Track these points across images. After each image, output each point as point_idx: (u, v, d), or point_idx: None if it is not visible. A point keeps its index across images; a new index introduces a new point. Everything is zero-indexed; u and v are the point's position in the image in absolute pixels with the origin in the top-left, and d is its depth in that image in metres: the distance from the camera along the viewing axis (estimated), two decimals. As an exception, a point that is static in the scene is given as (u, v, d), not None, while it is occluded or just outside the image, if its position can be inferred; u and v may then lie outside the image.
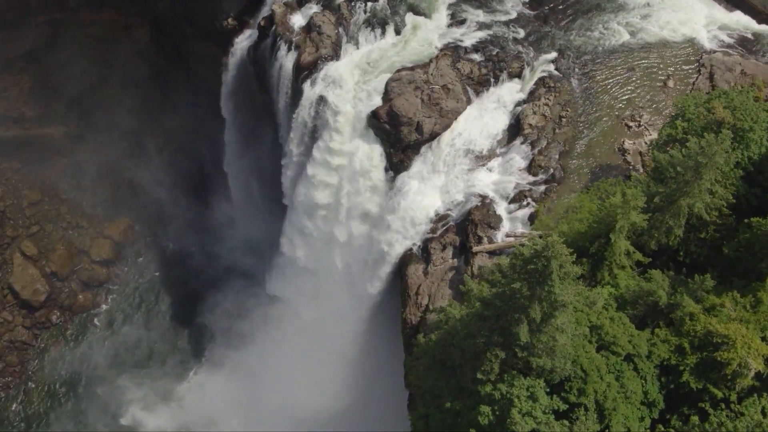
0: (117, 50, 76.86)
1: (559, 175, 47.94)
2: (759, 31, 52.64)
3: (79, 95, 79.01)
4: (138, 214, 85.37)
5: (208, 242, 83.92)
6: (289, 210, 62.38)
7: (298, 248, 63.78)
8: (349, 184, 55.89)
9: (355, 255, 58.32)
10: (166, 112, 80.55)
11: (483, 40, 53.56)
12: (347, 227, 57.41)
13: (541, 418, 33.22)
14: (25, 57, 75.65)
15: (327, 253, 60.92)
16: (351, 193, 55.63)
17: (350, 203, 56.62)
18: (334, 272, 60.93)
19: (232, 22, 62.75)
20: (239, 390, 76.74)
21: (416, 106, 51.27)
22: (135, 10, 73.99)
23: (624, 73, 51.11)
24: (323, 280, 63.15)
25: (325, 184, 56.53)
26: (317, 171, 55.87)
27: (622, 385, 35.34)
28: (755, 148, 41.29)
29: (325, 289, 62.87)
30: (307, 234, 61.05)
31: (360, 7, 55.62)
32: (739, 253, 40.28)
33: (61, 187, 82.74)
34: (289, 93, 57.99)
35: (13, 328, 78.43)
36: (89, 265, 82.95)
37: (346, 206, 57.18)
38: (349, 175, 55.24)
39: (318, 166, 55.73)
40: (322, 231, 59.75)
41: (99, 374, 79.75)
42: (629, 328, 37.04)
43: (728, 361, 34.60)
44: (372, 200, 55.16)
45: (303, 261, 63.64)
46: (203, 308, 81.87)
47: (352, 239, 58.17)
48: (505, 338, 32.84)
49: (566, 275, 30.13)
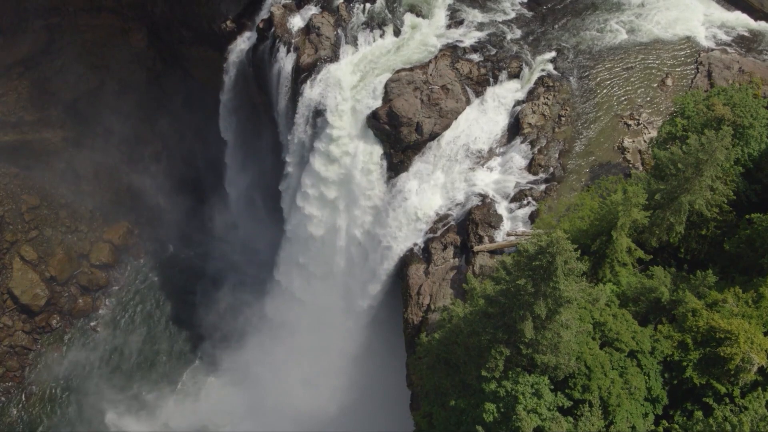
0: (114, 55, 76.92)
1: (559, 173, 48.09)
2: (756, 28, 52.91)
3: (76, 100, 79.04)
4: (137, 217, 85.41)
5: (207, 245, 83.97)
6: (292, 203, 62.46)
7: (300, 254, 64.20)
8: (349, 185, 56.06)
9: (356, 256, 58.46)
10: (163, 116, 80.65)
11: (482, 40, 53.75)
12: (349, 228, 57.54)
13: (546, 415, 33.32)
14: (23, 62, 75.63)
15: (328, 254, 61.08)
16: (351, 192, 55.71)
17: (350, 200, 56.79)
18: (334, 272, 61.03)
19: (231, 24, 62.80)
20: (239, 392, 76.88)
21: (416, 106, 51.40)
22: (132, 14, 73.99)
23: (622, 72, 51.27)
24: (323, 281, 63.24)
25: (326, 183, 56.71)
26: (318, 168, 55.96)
27: (626, 381, 35.44)
28: (755, 144, 41.48)
29: (326, 290, 62.85)
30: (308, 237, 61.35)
31: (358, 9, 55.76)
32: (740, 249, 40.42)
33: (60, 192, 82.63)
34: (288, 94, 58.07)
35: (13, 332, 78.30)
36: (89, 269, 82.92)
37: (345, 204, 57.42)
38: (350, 175, 55.32)
39: (319, 164, 55.80)
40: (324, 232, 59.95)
41: (99, 378, 79.61)
42: (632, 324, 37.17)
43: (731, 356, 34.74)
44: (373, 201, 55.24)
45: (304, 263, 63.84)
46: (202, 312, 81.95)
47: (352, 242, 58.37)
48: (510, 335, 32.94)
49: (570, 271, 30.23)
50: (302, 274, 65.29)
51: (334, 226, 59.49)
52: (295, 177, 60.96)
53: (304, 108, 55.65)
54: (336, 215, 58.89)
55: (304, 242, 63.02)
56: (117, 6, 73.34)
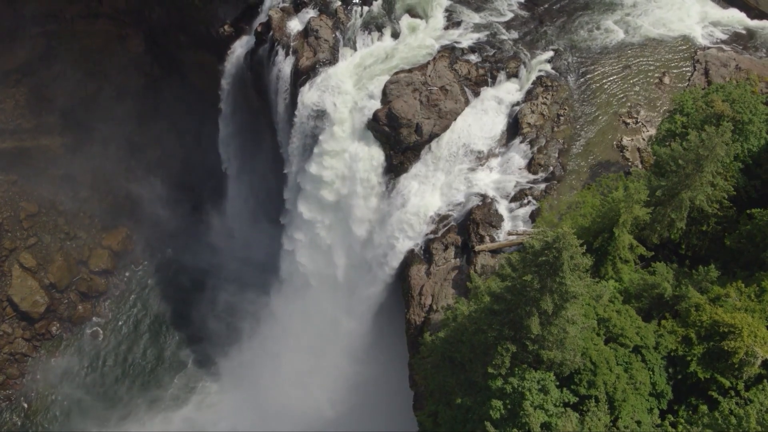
0: (112, 61, 77.10)
1: (559, 172, 48.29)
2: (752, 26, 53.28)
3: (74, 106, 79.12)
4: (136, 223, 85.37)
5: (205, 250, 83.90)
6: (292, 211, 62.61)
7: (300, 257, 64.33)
8: (349, 187, 56.18)
9: (357, 258, 58.56)
10: (161, 122, 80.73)
11: (479, 41, 53.92)
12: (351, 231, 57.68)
13: (553, 411, 33.47)
14: (21, 69, 75.82)
15: (328, 257, 61.18)
16: (351, 194, 55.86)
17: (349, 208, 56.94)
18: (335, 274, 61.14)
19: (229, 29, 62.86)
20: (238, 397, 76.87)
21: (415, 107, 51.56)
22: (129, 20, 74.16)
23: (620, 71, 51.56)
24: (324, 284, 63.33)
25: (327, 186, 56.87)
26: (318, 171, 56.12)
27: (631, 376, 35.65)
28: (754, 140, 41.77)
29: (327, 293, 62.94)
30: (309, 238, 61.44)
31: (356, 11, 55.92)
32: (741, 245, 40.72)
33: (59, 199, 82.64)
34: (287, 98, 58.21)
35: (13, 340, 78.21)
36: (88, 275, 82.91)
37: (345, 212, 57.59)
38: (350, 177, 55.46)
39: (318, 167, 55.96)
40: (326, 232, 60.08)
41: (100, 385, 79.58)
42: (636, 320, 37.40)
43: (735, 350, 34.98)
44: (373, 203, 55.39)
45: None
46: (202, 316, 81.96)
47: (353, 244, 58.49)
48: (516, 332, 33.10)
49: (576, 267, 30.42)
50: (302, 278, 65.31)
51: (335, 228, 59.62)
52: (294, 180, 61.00)
53: (303, 111, 55.67)
54: (336, 218, 58.98)
55: (304, 246, 63.11)
56: (114, 12, 73.50)
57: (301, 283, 65.95)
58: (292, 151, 59.51)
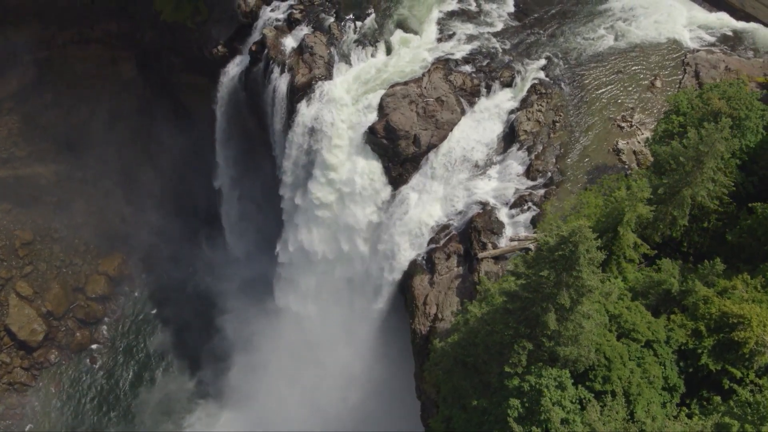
0: (104, 86, 77.31)
1: (557, 178, 48.87)
2: (738, 28, 54.32)
3: (67, 132, 79.25)
4: (131, 248, 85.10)
5: (203, 272, 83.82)
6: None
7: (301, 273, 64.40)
8: (349, 201, 56.47)
9: (359, 271, 58.76)
10: (155, 145, 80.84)
11: (473, 52, 54.73)
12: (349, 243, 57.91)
13: (570, 407, 33.73)
14: (13, 97, 75.91)
15: (329, 272, 61.34)
16: (352, 208, 56.16)
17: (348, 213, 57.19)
18: (337, 289, 61.28)
19: (222, 49, 63.29)
20: (241, 416, 76.50)
21: (412, 119, 52.13)
22: (121, 44, 74.47)
23: (612, 76, 52.44)
24: (326, 299, 63.40)
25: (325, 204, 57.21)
26: (317, 187, 56.45)
27: (645, 371, 35.87)
28: (751, 136, 42.44)
29: (329, 307, 63.01)
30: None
31: (350, 27, 56.57)
32: (742, 240, 41.23)
33: (53, 226, 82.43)
34: (284, 115, 58.57)
35: (11, 369, 77.62)
36: (85, 302, 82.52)
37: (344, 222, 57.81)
38: (349, 191, 55.78)
39: (317, 183, 56.28)
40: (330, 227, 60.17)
41: (99, 411, 78.98)
42: (646, 315, 37.76)
43: (745, 341, 35.40)
44: (373, 216, 55.71)
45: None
46: (200, 339, 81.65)
47: (355, 257, 58.71)
48: (532, 329, 33.40)
49: (592, 261, 30.82)
50: (304, 294, 65.36)
51: (335, 243, 59.79)
52: (292, 196, 61.20)
53: (300, 127, 56.08)
54: (336, 232, 59.18)
55: (305, 261, 63.21)
56: (105, 36, 73.81)
57: (302, 300, 65.99)
58: (288, 168, 59.75)
